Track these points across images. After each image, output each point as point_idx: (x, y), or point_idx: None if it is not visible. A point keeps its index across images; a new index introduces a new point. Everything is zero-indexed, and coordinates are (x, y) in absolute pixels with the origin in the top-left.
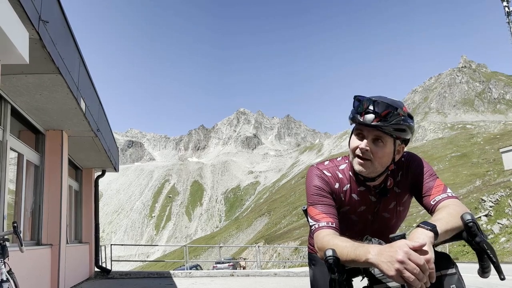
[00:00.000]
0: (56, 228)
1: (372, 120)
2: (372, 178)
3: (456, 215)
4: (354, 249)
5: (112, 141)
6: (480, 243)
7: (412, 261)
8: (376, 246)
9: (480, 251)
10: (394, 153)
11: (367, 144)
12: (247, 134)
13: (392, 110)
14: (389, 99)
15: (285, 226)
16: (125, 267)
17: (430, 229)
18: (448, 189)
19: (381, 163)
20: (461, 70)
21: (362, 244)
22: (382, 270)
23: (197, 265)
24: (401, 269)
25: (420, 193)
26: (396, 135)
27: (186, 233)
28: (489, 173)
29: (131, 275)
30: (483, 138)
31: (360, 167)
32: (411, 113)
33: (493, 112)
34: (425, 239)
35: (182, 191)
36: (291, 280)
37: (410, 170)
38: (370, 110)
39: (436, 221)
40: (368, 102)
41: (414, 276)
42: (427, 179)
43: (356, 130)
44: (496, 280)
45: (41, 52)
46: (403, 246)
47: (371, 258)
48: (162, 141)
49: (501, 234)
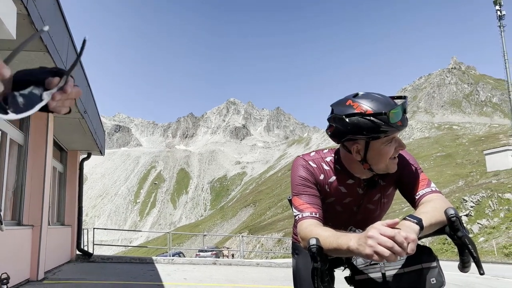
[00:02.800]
0: (38, 209)
1: (407, 120)
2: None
3: (440, 210)
4: (337, 238)
5: (99, 124)
6: (462, 238)
7: (382, 234)
8: (357, 234)
9: (462, 245)
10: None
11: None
12: (236, 124)
13: (406, 103)
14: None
15: (269, 217)
16: (107, 252)
17: (416, 223)
18: (432, 184)
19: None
20: (451, 71)
21: (345, 233)
22: (359, 253)
23: (180, 252)
24: (373, 244)
25: (404, 186)
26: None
27: (170, 220)
28: (472, 174)
29: (113, 260)
30: (468, 140)
31: (396, 166)
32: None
33: (479, 114)
34: (408, 229)
35: (168, 178)
36: (273, 271)
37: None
38: (403, 115)
39: (421, 214)
40: (399, 110)
41: (388, 249)
42: (412, 173)
43: (388, 138)
44: (473, 278)
45: (29, 29)
46: (375, 224)
47: (352, 245)
48: (150, 127)
49: (480, 234)
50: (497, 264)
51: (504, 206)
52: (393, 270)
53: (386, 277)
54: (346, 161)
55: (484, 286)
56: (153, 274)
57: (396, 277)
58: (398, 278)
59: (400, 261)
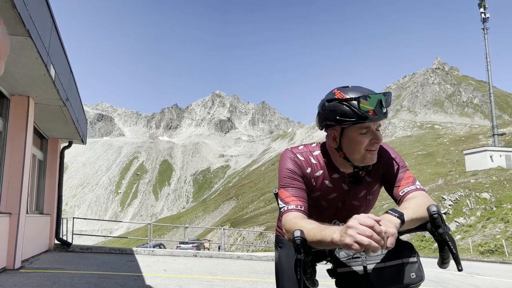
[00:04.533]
0: (16, 197)
1: (383, 113)
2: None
3: (423, 206)
4: (321, 231)
5: (81, 113)
6: (442, 235)
7: (362, 224)
8: (340, 227)
9: (442, 242)
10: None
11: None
12: (221, 117)
13: (388, 97)
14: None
15: (252, 211)
16: (86, 242)
17: (398, 216)
18: (417, 182)
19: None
20: (435, 71)
21: (329, 226)
22: (342, 244)
23: (160, 244)
24: (353, 233)
25: (389, 183)
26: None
27: (152, 211)
28: (451, 173)
29: (92, 250)
30: (449, 139)
31: (373, 157)
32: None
33: (460, 114)
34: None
35: (150, 170)
36: (254, 264)
37: (382, 161)
38: (378, 105)
39: (403, 209)
40: (376, 98)
41: (368, 238)
42: (397, 171)
43: (361, 128)
44: (448, 275)
45: (10, 12)
46: (355, 215)
47: (335, 237)
48: (134, 117)
49: (457, 232)
50: (473, 262)
51: (481, 205)
52: (374, 264)
53: (367, 270)
54: (331, 152)
55: (459, 282)
56: (132, 265)
57: (377, 270)
58: (379, 271)
59: (381, 255)
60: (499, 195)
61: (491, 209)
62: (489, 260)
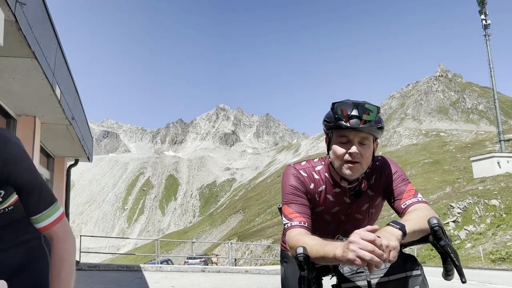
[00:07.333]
0: None
1: (359, 123)
2: (356, 179)
3: (424, 218)
4: (323, 246)
5: (86, 131)
6: (444, 247)
7: (363, 239)
8: (343, 242)
9: (444, 254)
10: (374, 151)
11: (356, 147)
12: (225, 130)
13: (373, 110)
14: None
15: (259, 224)
16: (94, 259)
17: (399, 228)
18: (419, 194)
19: (367, 163)
20: (438, 79)
21: (331, 241)
22: (345, 259)
23: (168, 259)
24: (355, 249)
25: (391, 196)
26: (378, 135)
27: (158, 227)
28: (459, 180)
29: (100, 267)
30: (455, 146)
31: (350, 171)
32: (388, 118)
33: (466, 121)
34: (391, 237)
35: (156, 185)
36: (262, 278)
37: (384, 174)
38: (355, 114)
39: (405, 221)
40: (351, 106)
41: (370, 252)
42: (399, 184)
43: (340, 136)
44: (458, 284)
45: (16, 35)
46: (356, 230)
47: (338, 252)
48: (139, 133)
49: (467, 240)
50: (484, 270)
51: (490, 212)
52: (378, 278)
53: (371, 285)
54: (332, 166)
55: None
56: (140, 282)
57: (381, 285)
58: (383, 285)
59: (385, 269)
60: (508, 202)
61: (500, 216)
62: (500, 268)
